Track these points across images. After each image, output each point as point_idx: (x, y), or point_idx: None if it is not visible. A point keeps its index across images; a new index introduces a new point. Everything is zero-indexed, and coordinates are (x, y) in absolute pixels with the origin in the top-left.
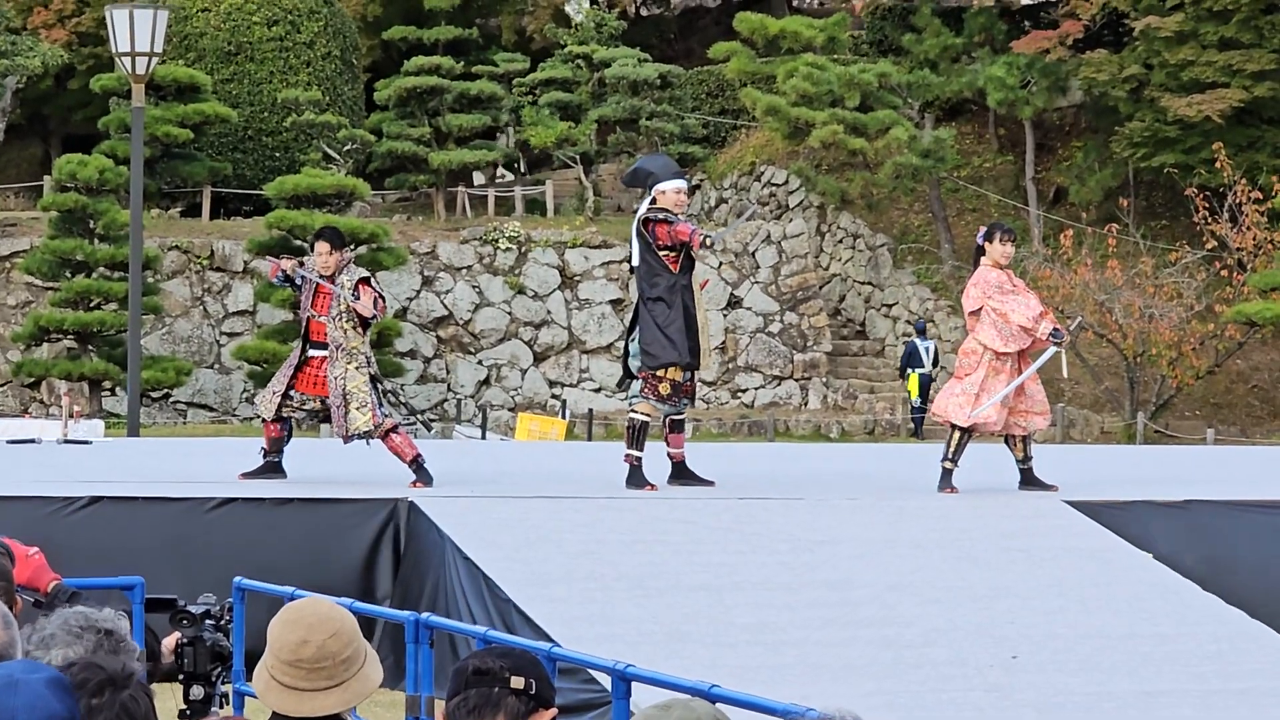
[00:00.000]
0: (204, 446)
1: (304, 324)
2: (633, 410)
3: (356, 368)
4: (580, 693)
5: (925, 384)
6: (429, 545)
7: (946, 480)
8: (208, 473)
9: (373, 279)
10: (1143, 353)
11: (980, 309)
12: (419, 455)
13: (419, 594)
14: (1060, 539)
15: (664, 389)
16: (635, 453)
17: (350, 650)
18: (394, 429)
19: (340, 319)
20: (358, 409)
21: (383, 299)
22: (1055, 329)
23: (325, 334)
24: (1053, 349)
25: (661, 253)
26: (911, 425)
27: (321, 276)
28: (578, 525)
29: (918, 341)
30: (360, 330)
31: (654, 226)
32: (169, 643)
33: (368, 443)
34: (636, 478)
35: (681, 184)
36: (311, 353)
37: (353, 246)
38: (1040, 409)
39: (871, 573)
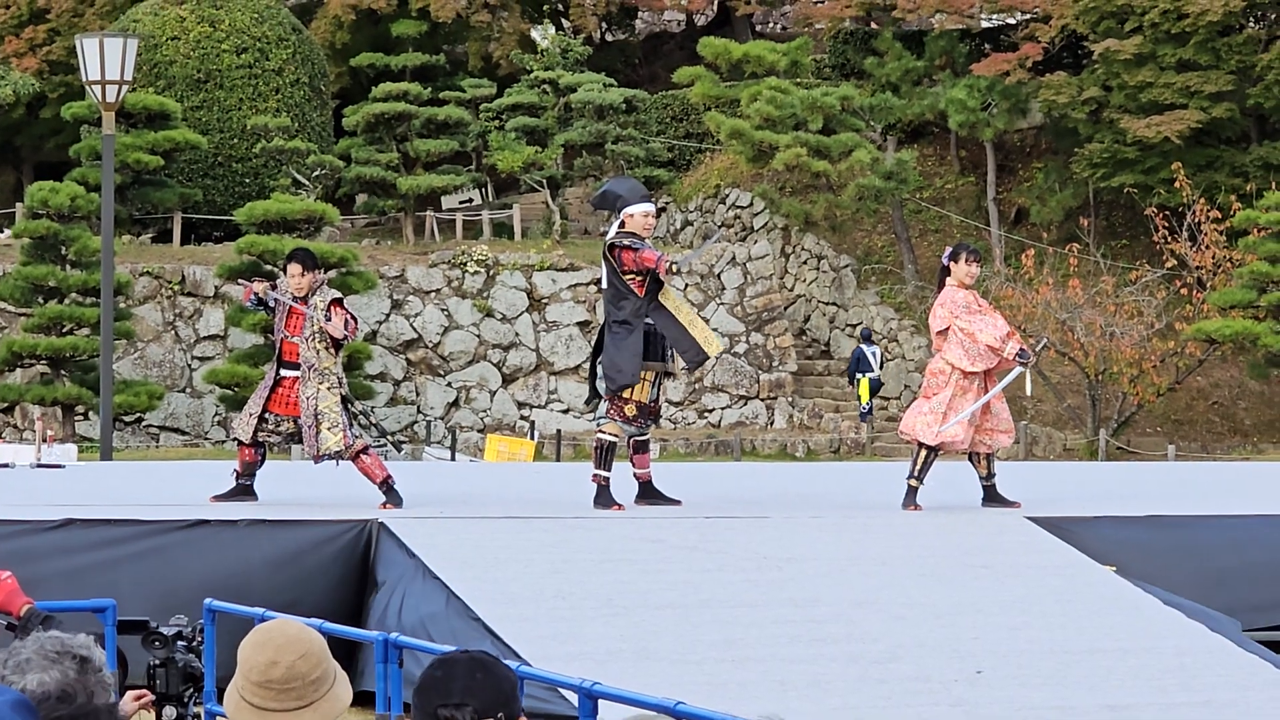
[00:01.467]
0: (176, 470)
1: (277, 345)
2: (600, 431)
3: (328, 388)
4: (548, 705)
5: (875, 387)
6: (399, 566)
7: (911, 498)
8: (180, 495)
9: (344, 300)
10: (1104, 370)
11: (947, 329)
12: (389, 477)
13: (389, 614)
14: (1024, 555)
15: (629, 410)
16: (602, 473)
17: (319, 671)
18: (364, 450)
19: (313, 340)
20: (329, 429)
21: (354, 320)
22: (1021, 349)
23: (298, 355)
24: (1019, 369)
25: (627, 277)
26: (862, 431)
27: (295, 298)
28: (546, 545)
29: (864, 348)
30: (332, 351)
31: (620, 252)
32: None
33: (338, 463)
34: (604, 498)
35: (649, 207)
36: (284, 373)
37: (324, 269)
38: (1005, 427)
39: (837, 590)
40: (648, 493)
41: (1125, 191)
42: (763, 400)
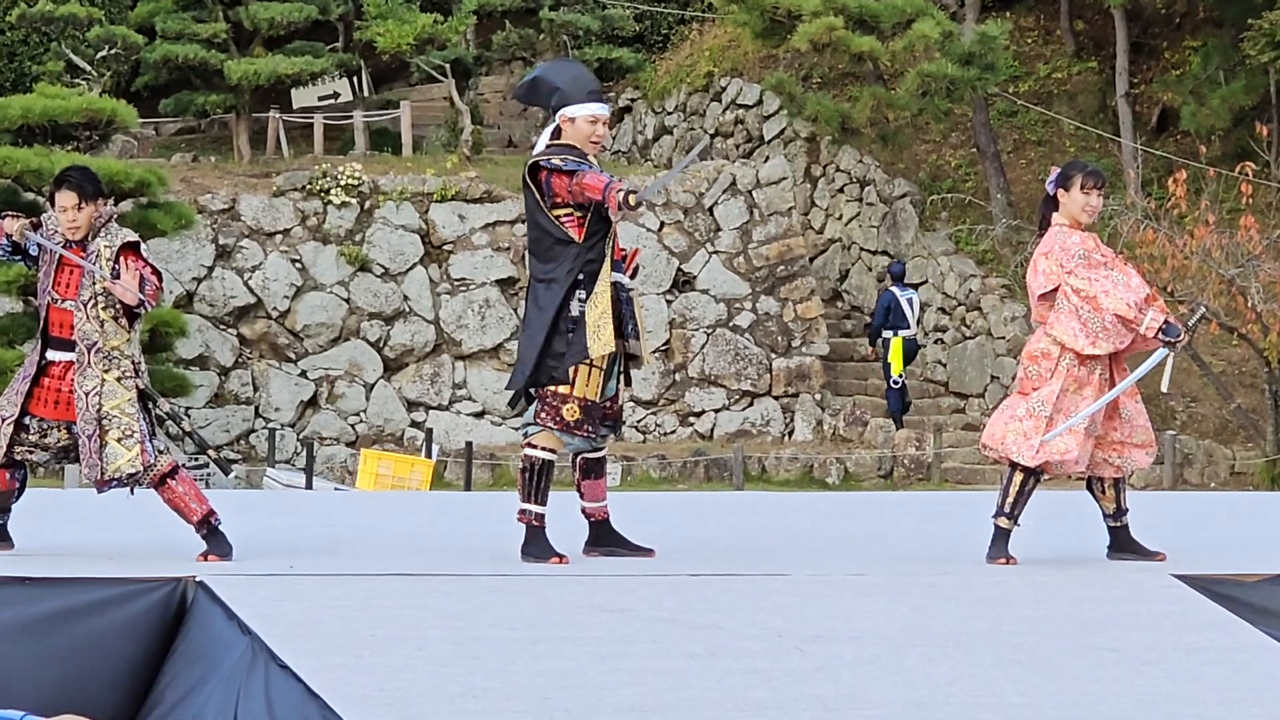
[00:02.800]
0: None
1: (43, 314)
2: (528, 444)
3: (118, 379)
4: None
5: (911, 350)
6: (226, 647)
7: (1001, 545)
8: None
9: (142, 246)
10: None
11: (1056, 289)
12: (211, 512)
13: (207, 716)
14: (1171, 632)
15: (568, 413)
16: (533, 507)
17: None
18: (173, 473)
19: (94, 306)
20: (119, 440)
21: (158, 276)
22: (1168, 322)
23: (72, 328)
24: (1162, 352)
25: (558, 213)
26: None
27: (67, 243)
28: (450, 616)
29: (897, 291)
30: (124, 324)
31: (549, 176)
32: None
33: (132, 491)
34: (537, 544)
35: (597, 109)
36: (52, 355)
37: (113, 200)
38: (1142, 439)
39: (889, 686)
40: (603, 537)
41: None
42: (777, 399)
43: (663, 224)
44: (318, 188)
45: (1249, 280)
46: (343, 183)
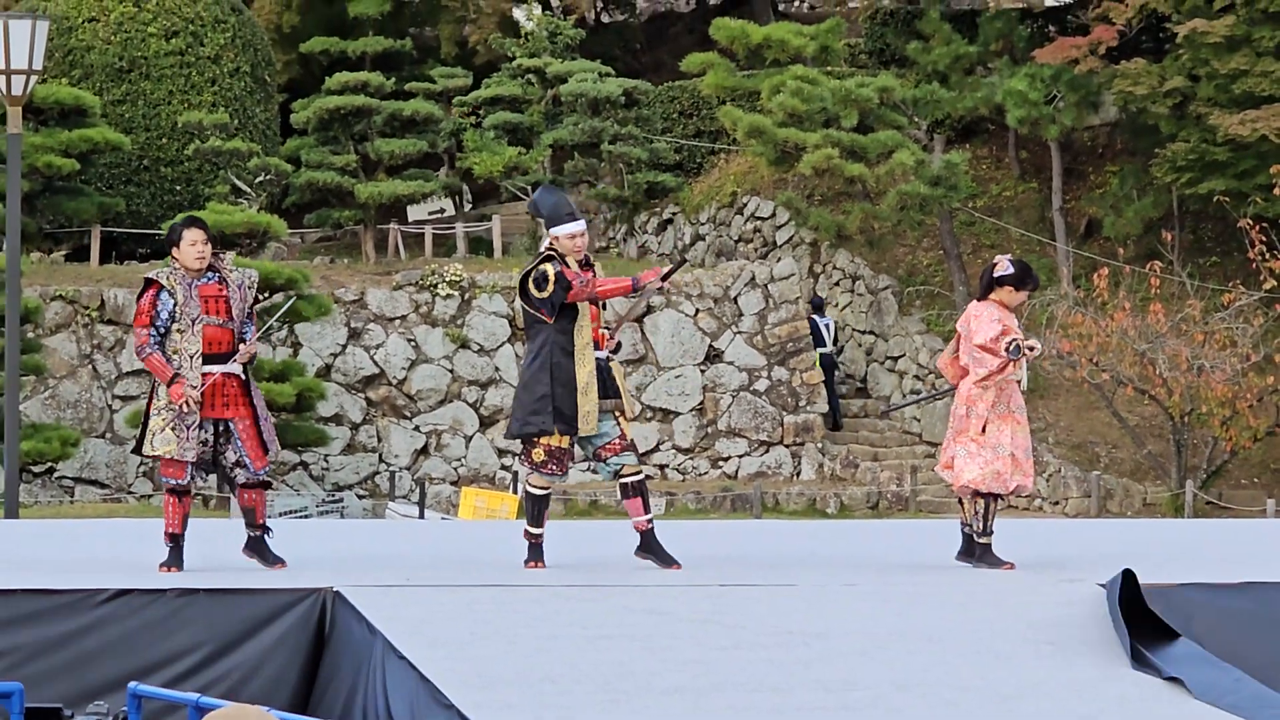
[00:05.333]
0: (94, 529)
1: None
2: (525, 481)
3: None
4: None
5: (829, 364)
6: (357, 643)
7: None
8: (99, 560)
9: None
10: (1191, 411)
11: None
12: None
13: (344, 699)
14: (1096, 629)
15: (536, 455)
16: (532, 529)
17: None
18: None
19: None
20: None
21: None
22: (1014, 341)
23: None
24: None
25: (531, 310)
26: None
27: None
28: (532, 619)
29: (817, 319)
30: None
31: (528, 283)
32: None
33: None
34: (531, 555)
35: (575, 227)
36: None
37: (267, 295)
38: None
39: (876, 671)
40: (645, 544)
41: (1215, 200)
42: (788, 447)
43: (697, 310)
44: (428, 283)
45: (1157, 354)
46: (447, 279)
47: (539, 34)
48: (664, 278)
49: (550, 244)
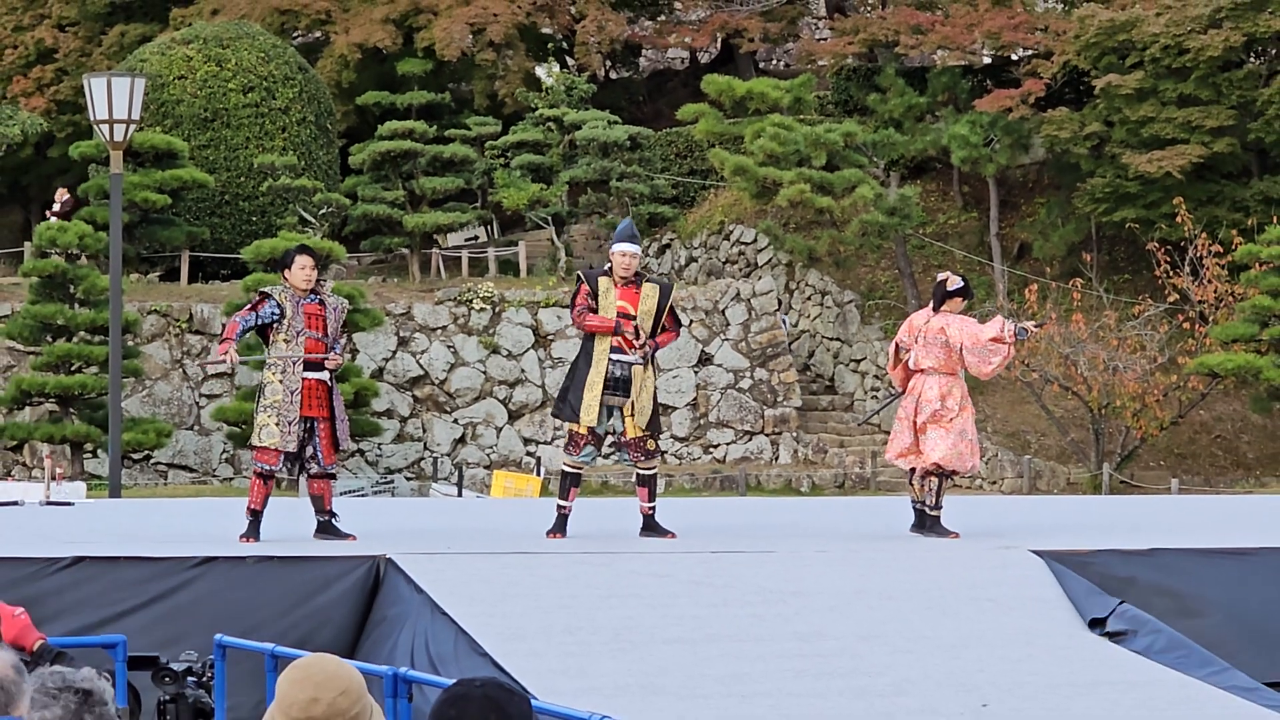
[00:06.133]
0: (184, 507)
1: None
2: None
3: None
4: None
5: None
6: (407, 601)
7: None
8: (188, 532)
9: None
10: (1107, 405)
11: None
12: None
13: (396, 649)
14: (1030, 587)
15: (563, 437)
16: (561, 501)
17: (358, 708)
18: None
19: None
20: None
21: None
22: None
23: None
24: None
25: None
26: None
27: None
28: (554, 581)
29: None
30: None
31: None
32: None
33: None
34: (556, 526)
35: (626, 247)
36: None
37: None
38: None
39: (842, 623)
40: (646, 526)
41: (1127, 226)
42: (767, 435)
43: (691, 321)
44: (464, 299)
45: (1079, 356)
46: (481, 295)
47: (557, 88)
48: (641, 348)
49: (607, 258)
